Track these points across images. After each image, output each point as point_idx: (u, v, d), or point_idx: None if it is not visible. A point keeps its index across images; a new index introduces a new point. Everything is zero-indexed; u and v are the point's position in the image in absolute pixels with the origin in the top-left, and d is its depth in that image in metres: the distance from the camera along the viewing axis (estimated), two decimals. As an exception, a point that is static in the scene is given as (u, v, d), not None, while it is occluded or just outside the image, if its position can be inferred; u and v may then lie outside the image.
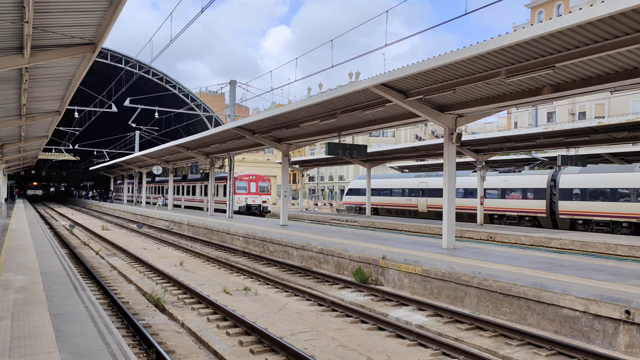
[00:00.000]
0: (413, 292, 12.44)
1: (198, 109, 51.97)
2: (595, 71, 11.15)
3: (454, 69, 12.52)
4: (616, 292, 8.67)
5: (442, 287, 11.69)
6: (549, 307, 9.25)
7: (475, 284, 10.82)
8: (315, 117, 19.23)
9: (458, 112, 15.20)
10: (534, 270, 11.21)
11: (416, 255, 13.55)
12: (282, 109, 19.28)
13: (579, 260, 13.43)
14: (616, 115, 37.79)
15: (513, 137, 25.69)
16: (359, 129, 19.86)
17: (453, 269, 11.48)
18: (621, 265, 12.44)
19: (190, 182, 47.97)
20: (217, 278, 14.29)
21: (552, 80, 12.11)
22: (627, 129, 21.04)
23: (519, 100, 13.47)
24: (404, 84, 14.15)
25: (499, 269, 11.29)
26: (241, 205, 37.88)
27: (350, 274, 14.38)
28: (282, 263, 16.63)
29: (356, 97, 16.05)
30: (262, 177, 40.14)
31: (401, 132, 68.71)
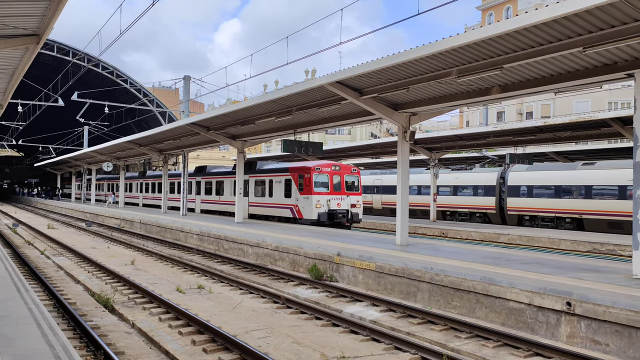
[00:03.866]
0: (367, 288, 12.59)
1: (151, 105, 50.77)
2: (540, 73, 11.58)
3: (408, 68, 12.73)
4: (558, 285, 9.05)
5: (395, 283, 11.89)
6: (497, 301, 9.57)
7: (427, 279, 11.06)
8: (271, 114, 19.16)
9: (411, 110, 15.47)
10: (483, 265, 11.55)
11: (370, 251, 13.71)
12: (238, 106, 19.11)
13: (525, 254, 13.94)
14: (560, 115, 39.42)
15: (465, 136, 26.40)
16: (314, 126, 19.92)
17: (406, 264, 11.69)
18: (564, 259, 12.99)
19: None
20: (170, 277, 14.03)
21: (500, 80, 12.50)
22: (570, 128, 21.96)
23: (469, 99, 13.84)
24: (359, 82, 14.29)
25: (450, 264, 11.58)
26: (321, 211, 23.18)
27: (306, 270, 14.41)
28: (237, 261, 16.49)
29: (312, 94, 16.08)
30: (348, 168, 25.03)
31: (357, 130, 69.36)
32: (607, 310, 7.86)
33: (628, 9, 8.41)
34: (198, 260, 17.35)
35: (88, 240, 23.38)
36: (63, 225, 32.41)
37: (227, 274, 14.60)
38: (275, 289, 12.46)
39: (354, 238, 17.53)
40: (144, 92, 52.67)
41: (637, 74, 9.91)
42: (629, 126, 18.47)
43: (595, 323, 8.01)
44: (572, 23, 9.11)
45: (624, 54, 9.95)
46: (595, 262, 12.64)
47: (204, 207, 33.71)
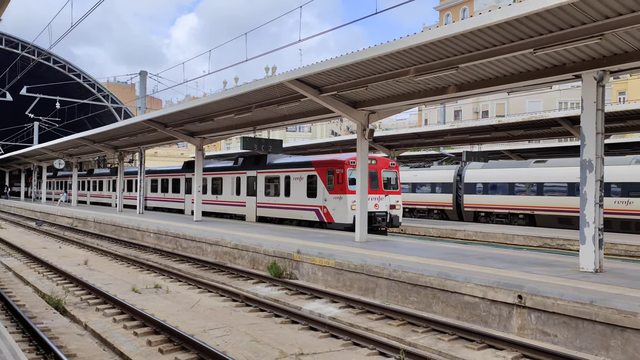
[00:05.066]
0: (327, 284, 12.65)
1: (105, 100, 49.36)
2: (494, 73, 11.90)
3: (366, 67, 12.83)
4: (511, 279, 9.34)
5: (354, 279, 11.99)
6: (452, 295, 9.79)
7: (385, 276, 11.21)
8: (230, 110, 18.97)
9: (370, 108, 15.61)
10: (440, 260, 11.79)
11: (330, 248, 13.78)
12: (196, 102, 18.83)
13: (481, 250, 14.31)
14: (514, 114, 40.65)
15: (423, 134, 26.85)
16: (274, 123, 19.83)
17: (365, 261, 11.81)
18: (516, 254, 13.41)
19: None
20: (125, 276, 13.70)
21: (456, 80, 12.77)
22: (522, 127, 22.67)
23: (427, 98, 14.07)
24: (318, 79, 14.31)
25: (408, 260, 11.76)
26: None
27: (266, 268, 14.36)
28: (196, 259, 16.26)
29: (271, 91, 16.01)
30: (386, 161, 21.10)
31: (317, 127, 69.50)
32: (556, 303, 8.16)
33: (576, 13, 8.74)
34: (155, 259, 17.01)
35: (38, 240, 22.56)
36: (12, 224, 31.16)
37: (185, 272, 14.39)
38: (235, 287, 12.36)
39: (314, 235, 17.57)
40: (98, 87, 51.18)
41: (584, 75, 10.31)
42: (577, 125, 19.22)
43: (544, 315, 8.31)
44: (523, 25, 9.40)
45: (572, 56, 10.33)
46: (545, 256, 13.10)
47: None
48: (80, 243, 20.65)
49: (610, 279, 9.55)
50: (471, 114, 55.86)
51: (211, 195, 27.56)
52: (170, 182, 32.10)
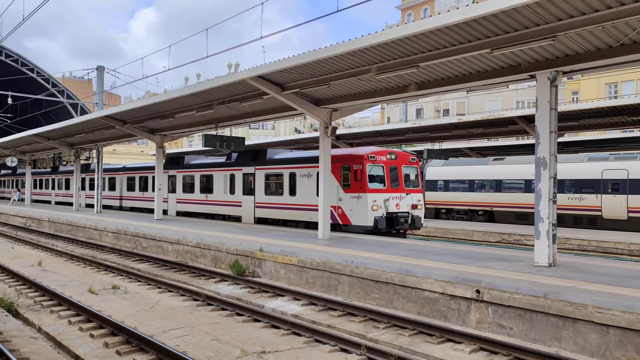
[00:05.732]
0: (289, 282, 12.64)
1: (61, 96, 47.81)
2: (453, 72, 12.12)
3: (328, 64, 12.87)
4: (469, 274, 9.55)
5: (317, 277, 12.02)
6: (413, 291, 9.94)
7: (347, 272, 11.27)
8: (192, 107, 18.69)
9: (333, 106, 15.67)
10: (402, 257, 11.94)
11: (293, 246, 13.77)
12: (156, 99, 18.46)
13: (441, 246, 14.57)
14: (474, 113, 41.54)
15: (385, 132, 27.14)
16: (236, 120, 19.66)
17: (327, 258, 11.85)
18: (475, 250, 13.72)
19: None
20: (81, 277, 13.33)
21: (417, 78, 12.95)
22: (481, 125, 23.20)
23: (388, 96, 14.23)
24: (281, 77, 14.26)
25: (370, 257, 11.87)
26: (378, 214, 17.41)
27: (228, 267, 14.23)
28: (156, 259, 15.97)
29: (233, 88, 15.86)
30: (406, 156, 19.32)
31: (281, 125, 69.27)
32: (512, 296, 8.39)
33: (530, 14, 8.99)
34: (113, 259, 16.61)
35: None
36: (-39, 225, 29.85)
37: (145, 272, 14.11)
38: (196, 286, 12.20)
39: (277, 233, 17.52)
40: (52, 82, 49.51)
41: (539, 75, 10.63)
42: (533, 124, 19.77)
43: (501, 308, 8.53)
44: (480, 26, 9.61)
45: (527, 57, 10.63)
46: (503, 251, 13.45)
47: (181, 209, 26.64)
48: (34, 243, 19.97)
49: (563, 272, 9.89)
50: (433, 112, 56.77)
51: (200, 194, 25.02)
52: (149, 180, 29.42)
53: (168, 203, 27.36)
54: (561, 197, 22.92)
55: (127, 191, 31.74)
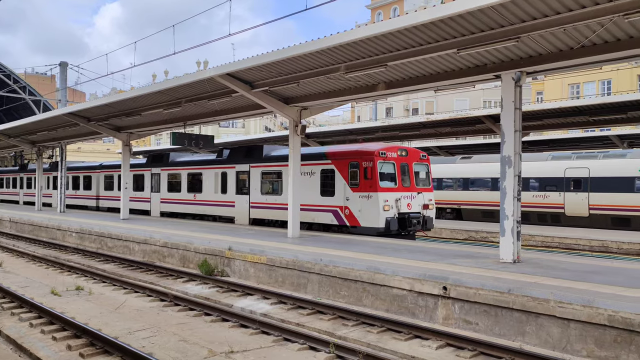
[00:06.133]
0: (259, 281, 12.59)
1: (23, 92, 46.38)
2: (421, 71, 12.26)
3: (298, 63, 12.85)
4: (437, 271, 9.68)
5: (286, 275, 12.00)
6: (382, 288, 10.01)
7: (317, 271, 11.29)
8: (159, 105, 18.41)
9: (302, 104, 15.66)
10: (371, 254, 12.02)
11: (262, 245, 13.71)
12: (122, 96, 18.11)
13: (410, 244, 14.71)
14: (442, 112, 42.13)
15: (355, 130, 27.26)
16: (205, 118, 19.47)
17: (297, 257, 11.84)
18: (443, 247, 13.92)
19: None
20: (44, 278, 12.97)
21: (385, 77, 13.05)
22: (449, 124, 23.54)
23: (357, 95, 14.30)
24: (250, 74, 14.18)
25: (339, 255, 11.91)
26: (389, 215, 16.48)
27: (196, 266, 14.07)
28: (122, 259, 15.67)
29: (202, 86, 15.68)
30: (416, 153, 18.29)
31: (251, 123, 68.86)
32: (477, 292, 8.55)
33: (495, 15, 9.17)
34: (77, 260, 16.23)
35: (-53, 242, 20.91)
36: None
37: (110, 273, 13.83)
38: (163, 287, 12.02)
39: (246, 232, 17.42)
40: (14, 78, 47.98)
41: (504, 75, 10.84)
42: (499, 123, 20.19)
43: (467, 305, 8.68)
44: (447, 26, 9.75)
45: (492, 57, 10.84)
46: (469, 248, 13.68)
47: (166, 209, 25.04)
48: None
49: (527, 268, 10.12)
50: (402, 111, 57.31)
51: (187, 194, 23.54)
52: (131, 178, 27.38)
53: (151, 203, 26.20)
54: (526, 195, 23.45)
55: (105, 190, 30.22)
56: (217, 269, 13.55)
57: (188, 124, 20.06)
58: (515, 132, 10.77)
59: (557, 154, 24.98)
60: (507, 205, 10.83)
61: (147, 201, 26.52)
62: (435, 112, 49.57)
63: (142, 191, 26.71)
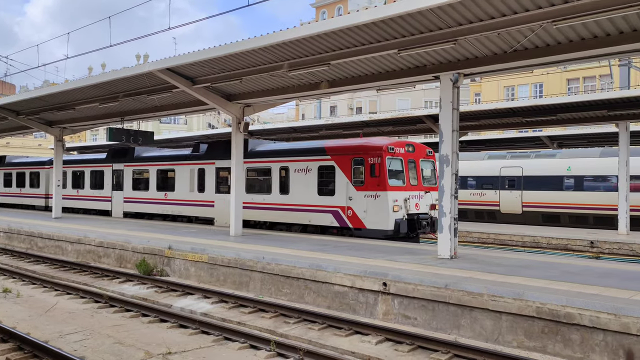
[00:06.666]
0: (200, 280, 12.37)
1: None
2: (363, 71, 12.43)
3: (241, 59, 12.71)
4: (377, 267, 9.85)
5: (228, 274, 11.85)
6: (323, 285, 10.08)
7: (259, 269, 11.22)
8: (95, 99, 17.71)
9: (245, 101, 15.51)
10: (313, 252, 12.07)
11: (204, 243, 13.48)
12: (55, 89, 17.30)
13: (352, 241, 14.88)
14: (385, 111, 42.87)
15: (299, 128, 27.26)
16: (144, 114, 18.90)
17: (239, 255, 11.73)
18: (384, 244, 14.13)
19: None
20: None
21: (328, 76, 13.13)
22: (391, 123, 23.99)
23: (301, 93, 14.32)
24: (192, 70, 13.89)
25: (282, 252, 11.89)
26: (398, 216, 15.16)
27: (134, 266, 13.65)
28: (54, 260, 14.97)
29: (140, 80, 15.21)
30: (423, 148, 16.91)
31: (193, 120, 67.50)
32: (416, 288, 8.76)
33: (433, 18, 9.42)
34: (5, 260, 15.37)
35: None
36: None
37: (41, 274, 13.19)
38: (98, 288, 11.59)
39: (187, 231, 17.06)
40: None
41: (442, 76, 11.16)
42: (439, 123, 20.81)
43: (406, 300, 8.88)
44: (388, 26, 9.92)
45: (432, 58, 11.13)
46: (410, 245, 13.99)
47: (131, 209, 22.96)
48: None
49: (464, 264, 10.48)
50: (346, 109, 57.87)
51: (157, 192, 21.61)
52: (88, 175, 25.29)
53: (112, 203, 24.00)
54: (464, 193, 24.29)
55: None
56: (156, 268, 13.20)
57: (126, 119, 19.42)
58: (453, 131, 11.11)
59: (493, 154, 25.99)
60: (445, 202, 11.16)
61: (107, 200, 24.28)
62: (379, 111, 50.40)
63: (101, 189, 24.47)
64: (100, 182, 24.71)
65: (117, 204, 23.79)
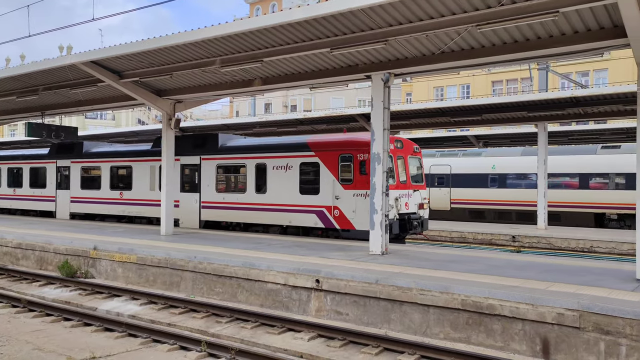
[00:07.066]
0: (128, 281, 11.95)
1: None
2: (296, 69, 12.44)
3: (171, 53, 12.38)
4: (310, 265, 9.90)
5: (158, 274, 11.52)
6: (256, 284, 10.02)
7: (190, 268, 10.99)
8: (12, 92, 16.66)
9: (176, 97, 15.12)
10: (247, 250, 11.96)
11: (132, 243, 13.03)
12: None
13: (286, 238, 14.87)
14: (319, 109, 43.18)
15: (232, 125, 26.88)
16: (67, 109, 18.00)
17: (169, 254, 11.43)
18: (318, 241, 14.21)
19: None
20: None
21: (262, 73, 13.05)
22: (325, 122, 24.20)
23: (234, 89, 14.13)
24: (119, 63, 13.37)
25: (214, 251, 11.69)
26: (390, 216, 13.00)
27: (56, 268, 12.97)
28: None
29: (63, 73, 14.47)
30: (410, 145, 15.94)
31: (122, 115, 65.00)
32: (348, 284, 8.89)
33: (365, 18, 9.58)
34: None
35: None
36: None
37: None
38: (16, 292, 10.91)
39: (115, 230, 16.41)
40: None
41: (374, 76, 11.38)
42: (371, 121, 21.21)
43: (338, 296, 9.00)
44: (321, 25, 9.99)
45: (363, 58, 11.32)
46: (343, 242, 14.14)
47: (79, 210, 20.95)
48: None
49: (394, 259, 10.75)
50: (281, 107, 57.77)
51: (111, 192, 19.81)
52: (27, 172, 22.93)
53: (56, 203, 21.93)
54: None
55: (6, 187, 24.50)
56: (80, 270, 12.62)
57: (47, 113, 18.41)
58: (384, 130, 11.35)
59: (423, 152, 26.80)
60: (377, 200, 11.39)
61: (50, 200, 22.17)
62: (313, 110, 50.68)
63: (42, 188, 22.34)
64: (42, 180, 22.54)
65: (63, 205, 21.83)
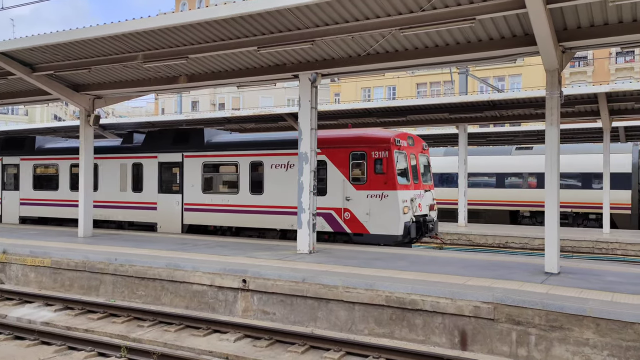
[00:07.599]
0: (41, 286, 11.29)
1: None
2: (223, 66, 12.27)
3: (89, 47, 11.82)
4: (237, 265, 9.80)
5: (75, 278, 10.97)
6: (181, 285, 9.78)
7: (111, 271, 10.55)
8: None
9: (96, 93, 14.46)
10: (170, 251, 11.64)
11: (46, 246, 12.31)
12: None
13: (211, 239, 14.59)
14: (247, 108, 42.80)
15: (157, 123, 26.03)
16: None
17: (88, 257, 10.91)
18: (243, 241, 14.07)
19: None
20: None
21: (187, 70, 12.74)
22: (254, 120, 24.04)
23: (158, 86, 13.71)
24: (31, 56, 12.60)
25: (136, 253, 11.29)
26: (407, 219, 13.15)
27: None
28: None
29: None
30: (419, 141, 14.93)
31: (36, 110, 61.20)
32: (275, 283, 8.89)
33: (291, 18, 9.60)
34: None
35: None
36: None
37: None
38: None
39: (27, 232, 15.43)
40: None
41: (301, 75, 11.44)
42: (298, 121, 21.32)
43: (265, 296, 8.97)
44: (247, 23, 9.91)
45: (291, 57, 11.34)
46: (270, 242, 14.09)
47: (32, 213, 19.05)
48: None
49: (321, 258, 10.85)
50: (209, 105, 56.70)
51: (70, 193, 17.93)
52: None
53: (2, 205, 19.80)
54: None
55: None
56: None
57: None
58: (312, 130, 11.44)
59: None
60: (304, 199, 11.46)
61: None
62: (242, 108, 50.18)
63: None
64: None
65: (10, 207, 19.66)
